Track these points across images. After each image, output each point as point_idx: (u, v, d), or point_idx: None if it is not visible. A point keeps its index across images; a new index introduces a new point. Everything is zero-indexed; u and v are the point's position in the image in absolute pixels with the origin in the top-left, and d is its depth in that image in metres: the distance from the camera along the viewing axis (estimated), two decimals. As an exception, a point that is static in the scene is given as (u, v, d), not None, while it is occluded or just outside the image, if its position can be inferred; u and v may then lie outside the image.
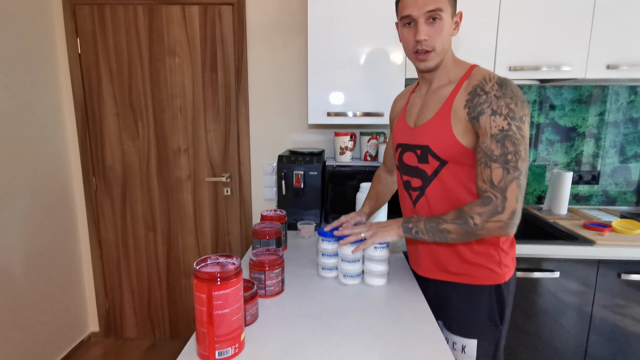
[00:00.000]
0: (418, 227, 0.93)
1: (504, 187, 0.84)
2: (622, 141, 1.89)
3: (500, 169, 0.84)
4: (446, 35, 0.91)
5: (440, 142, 0.93)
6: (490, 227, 0.85)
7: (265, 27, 1.89)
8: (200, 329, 0.73)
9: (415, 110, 1.04)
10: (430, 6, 0.87)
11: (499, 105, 0.85)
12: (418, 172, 1.01)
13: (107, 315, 2.20)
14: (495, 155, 0.84)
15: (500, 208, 0.84)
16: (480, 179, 0.87)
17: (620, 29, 1.51)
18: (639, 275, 1.44)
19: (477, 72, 0.93)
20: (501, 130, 0.84)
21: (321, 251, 1.10)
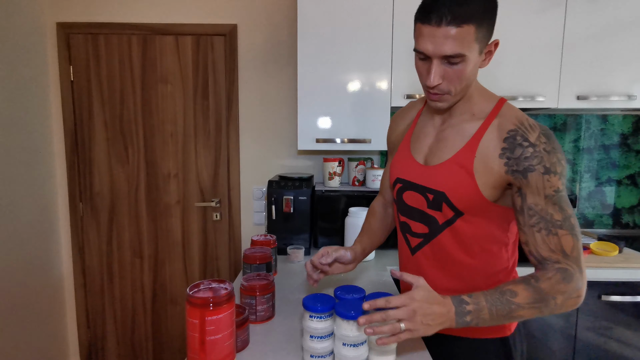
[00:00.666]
0: (480, 318, 0.70)
1: (577, 257, 0.73)
2: (596, 167, 1.99)
3: (569, 236, 0.72)
4: (467, 77, 0.75)
5: (459, 190, 0.79)
6: (569, 304, 0.72)
7: (256, 56, 1.96)
8: (191, 356, 0.73)
9: (425, 143, 0.89)
10: (449, 51, 0.71)
11: (552, 163, 0.73)
12: (425, 218, 0.87)
13: (88, 346, 2.13)
14: (559, 220, 0.73)
15: (581, 282, 0.72)
16: (546, 248, 0.74)
17: (588, 63, 1.63)
18: (618, 296, 1.49)
19: (509, 110, 0.79)
20: (556, 191, 0.73)
21: (308, 331, 0.78)
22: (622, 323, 1.52)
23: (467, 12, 0.69)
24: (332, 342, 0.80)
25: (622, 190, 2.00)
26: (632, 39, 1.61)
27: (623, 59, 1.62)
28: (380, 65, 1.65)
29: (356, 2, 1.61)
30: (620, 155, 1.98)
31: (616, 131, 1.97)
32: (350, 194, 1.69)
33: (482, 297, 0.71)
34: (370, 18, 1.62)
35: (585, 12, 1.60)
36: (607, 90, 1.64)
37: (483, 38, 0.73)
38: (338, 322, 0.77)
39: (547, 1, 1.61)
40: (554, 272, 0.72)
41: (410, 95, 1.66)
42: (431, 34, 0.71)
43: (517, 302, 0.70)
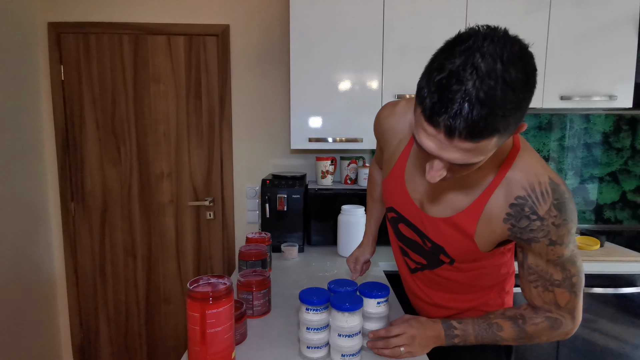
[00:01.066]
0: (467, 340, 0.79)
1: (572, 308, 0.74)
2: (580, 164, 2.06)
3: (566, 293, 0.72)
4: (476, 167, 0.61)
5: (459, 248, 0.78)
6: (555, 339, 0.79)
7: (248, 57, 1.98)
8: (193, 348, 0.76)
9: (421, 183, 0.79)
10: (458, 162, 0.56)
11: (559, 236, 0.67)
12: (424, 254, 0.87)
13: (81, 346, 2.12)
14: (557, 280, 0.71)
15: (570, 328, 0.76)
16: (540, 300, 0.75)
17: (571, 64, 1.69)
18: (600, 288, 1.55)
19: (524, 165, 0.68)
20: (560, 257, 0.69)
21: (305, 324, 0.81)
22: (604, 314, 1.58)
23: (491, 125, 0.51)
24: (328, 333, 0.83)
25: (604, 187, 2.08)
26: (613, 42, 1.68)
27: (604, 60, 1.69)
28: (371, 65, 1.69)
29: (348, 4, 1.65)
30: (602, 153, 2.06)
31: (598, 130, 2.05)
32: (342, 192, 1.72)
33: (470, 325, 0.79)
34: (361, 19, 1.66)
35: (568, 15, 1.66)
36: (589, 90, 1.71)
37: (508, 137, 0.56)
38: (334, 314, 0.80)
39: (532, 4, 1.66)
40: (543, 319, 0.76)
41: (401, 96, 1.70)
42: (437, 139, 0.55)
43: (501, 336, 0.78)
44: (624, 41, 1.68)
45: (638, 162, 2.06)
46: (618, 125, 2.04)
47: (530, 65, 0.53)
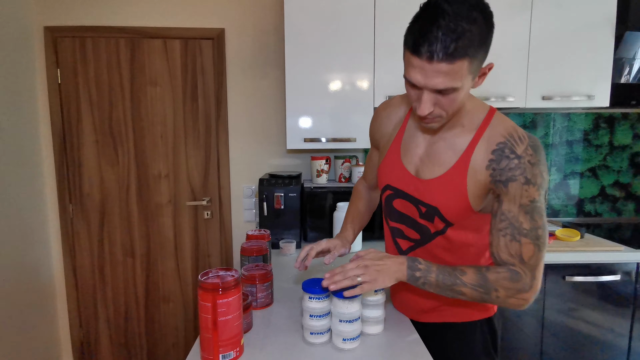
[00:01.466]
0: (427, 279, 0.79)
1: (534, 265, 0.77)
2: (561, 161, 2.17)
3: (531, 245, 0.76)
4: (461, 100, 0.74)
5: (451, 205, 0.82)
6: (512, 302, 0.78)
7: (244, 59, 2.03)
8: (205, 335, 0.81)
9: (416, 154, 0.89)
10: (440, 86, 0.69)
11: (533, 174, 0.75)
12: (417, 227, 0.91)
13: (81, 346, 2.15)
14: (525, 229, 0.76)
15: (528, 287, 0.77)
16: (506, 252, 0.78)
17: (551, 66, 1.78)
18: (580, 277, 1.65)
19: (500, 123, 0.80)
20: (532, 201, 0.75)
21: (308, 311, 0.87)
22: (584, 301, 1.68)
23: (461, 48, 0.65)
24: (329, 320, 0.89)
25: (584, 181, 2.19)
26: (591, 43, 1.77)
27: (583, 61, 1.79)
28: (363, 67, 1.75)
29: (340, 6, 1.71)
30: (583, 150, 2.17)
31: (578, 128, 2.15)
32: (337, 190, 1.79)
33: (435, 265, 0.80)
34: (353, 22, 1.72)
35: (548, 17, 1.75)
36: (569, 91, 1.80)
37: (477, 67, 0.72)
38: (335, 302, 0.86)
39: (515, 6, 1.75)
40: (505, 270, 0.78)
41: (392, 96, 1.76)
42: (422, 67, 0.68)
43: (462, 279, 0.78)
44: (601, 43, 1.78)
45: (616, 158, 2.18)
46: (597, 123, 2.15)
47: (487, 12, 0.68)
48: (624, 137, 2.17)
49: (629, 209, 2.22)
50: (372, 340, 0.92)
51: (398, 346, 0.89)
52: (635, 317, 1.68)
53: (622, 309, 1.69)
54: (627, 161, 2.18)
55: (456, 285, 0.78)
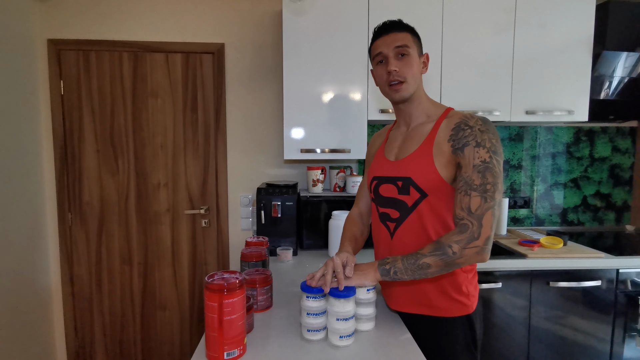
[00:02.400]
0: (396, 267, 0.92)
1: (480, 215, 0.89)
2: (545, 172, 2.27)
3: (478, 197, 0.89)
4: (416, 71, 1.01)
5: (421, 173, 0.98)
6: (468, 253, 0.88)
7: (242, 73, 2.11)
8: (210, 334, 0.87)
9: (395, 145, 1.10)
10: (398, 42, 0.99)
11: (482, 139, 0.92)
12: (397, 204, 1.04)
13: (76, 354, 2.15)
14: (475, 184, 0.90)
15: (477, 234, 0.88)
16: (459, 207, 0.91)
17: (534, 82, 1.89)
18: (564, 282, 1.73)
19: (455, 112, 1.02)
20: (483, 161, 0.91)
21: (305, 309, 0.95)
22: (568, 306, 1.76)
23: (403, 27, 1.03)
24: (325, 319, 0.96)
25: (567, 192, 2.29)
26: (571, 61, 1.89)
27: (563, 78, 1.90)
28: (357, 81, 1.84)
29: (335, 23, 1.80)
30: (565, 162, 2.27)
31: (561, 141, 2.26)
32: (332, 199, 1.86)
33: (400, 256, 0.94)
34: (348, 40, 1.82)
35: (530, 37, 1.87)
36: (551, 106, 1.91)
37: (417, 46, 1.03)
38: (331, 301, 0.93)
39: (499, 27, 1.86)
40: (457, 226, 0.92)
41: (384, 110, 1.86)
42: (383, 42, 1.02)
43: (421, 253, 0.91)
44: (580, 61, 1.90)
45: (596, 169, 2.29)
46: (578, 136, 2.26)
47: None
48: (604, 150, 2.28)
49: (609, 218, 2.32)
50: (365, 336, 0.98)
51: (390, 344, 0.95)
52: (615, 322, 1.76)
53: (604, 315, 1.76)
54: (607, 172, 2.29)
55: (418, 259, 0.91)
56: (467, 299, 1.04)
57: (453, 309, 1.03)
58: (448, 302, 1.03)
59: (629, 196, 2.32)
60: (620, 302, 1.75)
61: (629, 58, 1.93)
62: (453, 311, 1.03)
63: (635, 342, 1.76)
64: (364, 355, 0.90)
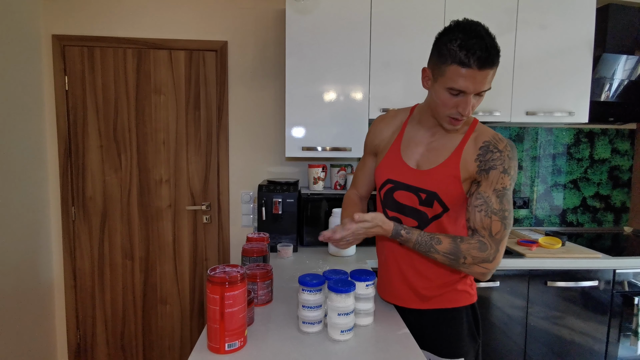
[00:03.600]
0: (408, 240, 0.95)
1: (499, 240, 0.92)
2: (545, 173, 2.29)
3: (499, 222, 0.92)
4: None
5: (448, 190, 0.98)
6: (475, 270, 0.93)
7: (245, 71, 2.12)
8: (212, 326, 0.89)
9: (417, 151, 1.05)
10: (486, 87, 0.89)
11: (509, 166, 0.94)
12: (416, 214, 1.04)
13: (77, 347, 2.18)
14: (496, 209, 0.92)
15: (492, 258, 0.92)
16: (480, 224, 0.93)
17: (534, 83, 1.91)
18: (561, 282, 1.75)
19: (484, 128, 1.00)
20: (504, 188, 0.93)
21: (302, 302, 0.97)
22: (565, 306, 1.78)
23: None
24: (321, 312, 0.98)
25: (567, 193, 2.30)
26: (572, 63, 1.90)
27: (564, 80, 1.91)
28: (359, 81, 1.86)
29: (338, 23, 1.82)
30: (565, 163, 2.29)
31: (561, 142, 2.28)
32: (332, 196, 1.88)
33: (417, 232, 0.96)
34: (350, 38, 1.83)
35: (531, 38, 1.88)
36: (551, 107, 1.93)
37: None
38: (332, 297, 0.95)
39: (500, 28, 1.87)
40: (476, 241, 0.94)
41: (385, 109, 1.88)
42: (472, 76, 0.86)
43: (436, 247, 0.94)
44: (581, 63, 1.91)
45: (596, 171, 2.30)
46: (578, 138, 2.28)
47: None
48: (604, 151, 2.30)
49: (608, 219, 2.33)
50: (364, 331, 1.00)
51: (388, 338, 0.97)
52: (611, 322, 1.78)
53: (600, 314, 1.78)
54: (607, 174, 2.31)
55: (430, 251, 0.94)
56: (470, 288, 1.09)
57: (459, 299, 1.07)
58: (454, 293, 1.07)
59: (627, 198, 2.33)
60: (616, 302, 1.77)
61: (629, 61, 1.95)
62: (459, 301, 1.07)
63: (630, 342, 1.78)
64: (361, 350, 0.92)
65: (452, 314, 1.07)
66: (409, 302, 1.10)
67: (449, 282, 1.06)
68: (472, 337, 1.08)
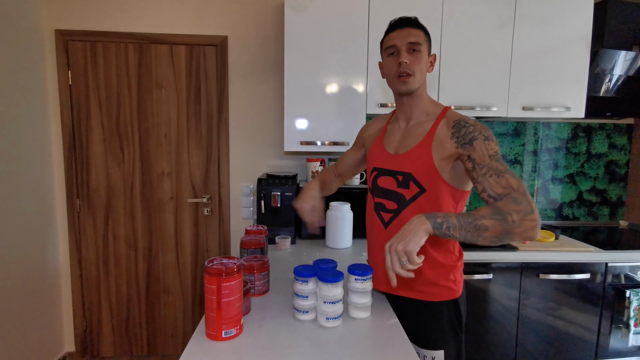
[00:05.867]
0: (449, 223, 0.84)
1: (524, 193, 0.88)
2: (541, 167, 2.31)
3: (514, 178, 0.91)
4: (424, 67, 1.06)
5: (421, 170, 1.03)
6: (527, 225, 0.84)
7: (245, 65, 2.15)
8: (209, 314, 0.93)
9: (395, 139, 1.14)
10: (412, 38, 1.03)
11: (488, 134, 0.98)
12: (395, 196, 1.09)
13: (83, 335, 2.25)
14: (502, 169, 0.92)
15: (530, 209, 0.85)
16: (499, 186, 0.90)
17: (531, 78, 1.92)
18: (554, 274, 1.79)
19: (453, 112, 1.07)
20: (496, 152, 0.96)
21: (295, 291, 1.03)
22: (557, 298, 1.82)
23: (419, 25, 1.07)
24: (313, 301, 1.03)
25: (564, 187, 2.33)
26: (568, 59, 1.91)
27: (561, 75, 1.92)
28: (358, 76, 1.88)
29: (336, 18, 1.84)
30: (562, 157, 2.31)
31: (558, 137, 2.29)
32: (330, 190, 1.91)
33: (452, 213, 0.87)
34: (348, 35, 1.85)
35: (529, 33, 1.89)
36: (548, 102, 1.94)
37: (428, 46, 1.08)
38: (320, 285, 1.00)
39: (498, 23, 1.88)
40: (507, 198, 0.88)
41: (383, 104, 1.90)
42: (397, 35, 1.06)
43: (479, 214, 0.85)
44: (578, 58, 1.92)
45: (593, 165, 2.32)
46: (575, 132, 2.29)
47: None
48: (601, 146, 2.31)
49: (604, 213, 2.36)
50: (358, 322, 1.04)
51: (378, 326, 1.02)
52: (603, 314, 1.82)
53: (592, 306, 1.82)
54: (603, 169, 2.33)
55: (477, 220, 0.84)
56: (454, 285, 1.11)
57: (441, 294, 1.10)
58: (436, 288, 1.10)
59: (623, 192, 2.35)
60: (608, 294, 1.81)
61: (627, 56, 1.95)
62: (441, 295, 1.10)
63: (621, 334, 1.82)
64: (351, 337, 0.96)
65: (433, 307, 1.10)
66: (397, 290, 1.14)
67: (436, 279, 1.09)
68: (454, 331, 1.11)
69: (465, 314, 1.15)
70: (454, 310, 1.11)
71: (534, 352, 1.83)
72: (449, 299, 1.11)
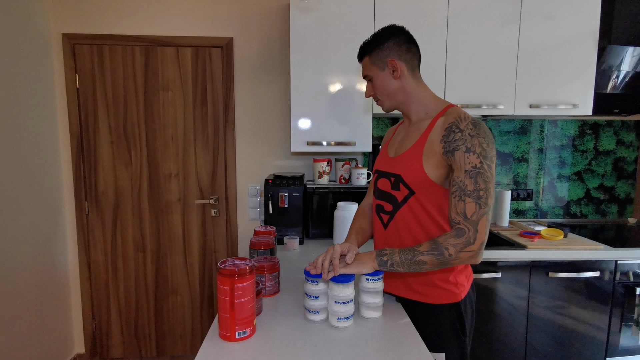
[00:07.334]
0: (393, 260, 0.97)
1: (476, 221, 0.92)
2: (548, 165, 2.30)
3: (473, 203, 0.92)
4: (384, 87, 1.09)
5: (409, 172, 1.04)
6: (463, 256, 0.93)
7: (251, 66, 2.15)
8: (223, 315, 0.94)
9: (397, 141, 1.16)
10: (363, 72, 1.14)
11: (472, 144, 0.94)
12: (390, 198, 1.11)
13: (93, 336, 2.27)
14: (469, 190, 0.93)
15: (472, 240, 0.92)
16: (454, 211, 0.95)
17: (537, 78, 1.91)
18: (563, 273, 1.78)
19: (453, 110, 1.03)
20: (474, 167, 0.93)
21: (306, 292, 1.03)
22: (567, 296, 1.81)
23: (363, 51, 1.12)
24: (324, 301, 1.03)
25: (571, 184, 2.32)
26: (576, 55, 1.90)
27: (568, 72, 1.91)
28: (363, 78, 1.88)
29: (342, 19, 1.84)
30: (569, 155, 2.29)
31: (565, 134, 2.28)
32: (337, 190, 1.92)
33: (398, 249, 0.99)
34: (353, 36, 1.85)
35: (535, 30, 1.88)
36: (555, 99, 1.93)
37: (378, 64, 1.08)
38: (331, 285, 1.00)
39: (504, 20, 1.87)
40: (452, 231, 0.95)
41: (390, 104, 1.90)
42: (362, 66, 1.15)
43: (419, 251, 0.96)
44: (585, 55, 1.91)
45: (600, 162, 2.31)
46: (582, 129, 2.28)
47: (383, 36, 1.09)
48: (608, 143, 2.30)
49: (612, 210, 2.34)
50: (370, 322, 1.04)
51: (390, 327, 1.02)
52: (613, 312, 1.81)
53: (602, 304, 1.81)
54: (611, 166, 2.31)
55: (415, 256, 0.96)
56: (455, 288, 1.07)
57: (441, 296, 1.08)
58: (435, 290, 1.07)
59: (632, 189, 2.33)
60: (618, 292, 1.80)
61: (634, 52, 1.93)
62: (441, 298, 1.08)
63: (631, 332, 1.81)
64: (364, 337, 0.96)
65: (433, 308, 1.08)
66: (398, 290, 1.14)
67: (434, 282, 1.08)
68: (456, 334, 1.08)
69: (472, 319, 1.12)
70: (455, 314, 1.08)
71: (543, 351, 1.83)
72: (449, 302, 1.08)
